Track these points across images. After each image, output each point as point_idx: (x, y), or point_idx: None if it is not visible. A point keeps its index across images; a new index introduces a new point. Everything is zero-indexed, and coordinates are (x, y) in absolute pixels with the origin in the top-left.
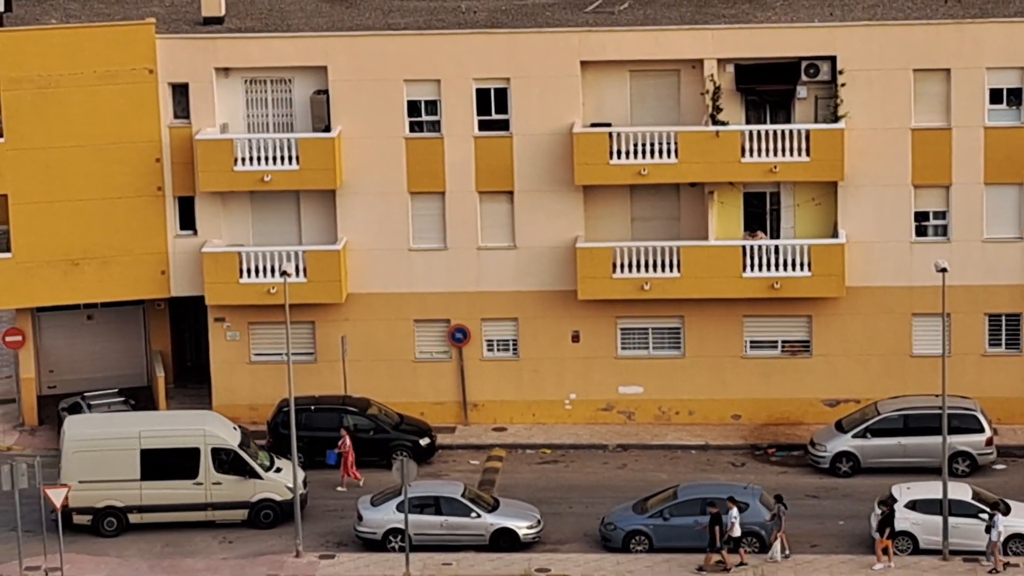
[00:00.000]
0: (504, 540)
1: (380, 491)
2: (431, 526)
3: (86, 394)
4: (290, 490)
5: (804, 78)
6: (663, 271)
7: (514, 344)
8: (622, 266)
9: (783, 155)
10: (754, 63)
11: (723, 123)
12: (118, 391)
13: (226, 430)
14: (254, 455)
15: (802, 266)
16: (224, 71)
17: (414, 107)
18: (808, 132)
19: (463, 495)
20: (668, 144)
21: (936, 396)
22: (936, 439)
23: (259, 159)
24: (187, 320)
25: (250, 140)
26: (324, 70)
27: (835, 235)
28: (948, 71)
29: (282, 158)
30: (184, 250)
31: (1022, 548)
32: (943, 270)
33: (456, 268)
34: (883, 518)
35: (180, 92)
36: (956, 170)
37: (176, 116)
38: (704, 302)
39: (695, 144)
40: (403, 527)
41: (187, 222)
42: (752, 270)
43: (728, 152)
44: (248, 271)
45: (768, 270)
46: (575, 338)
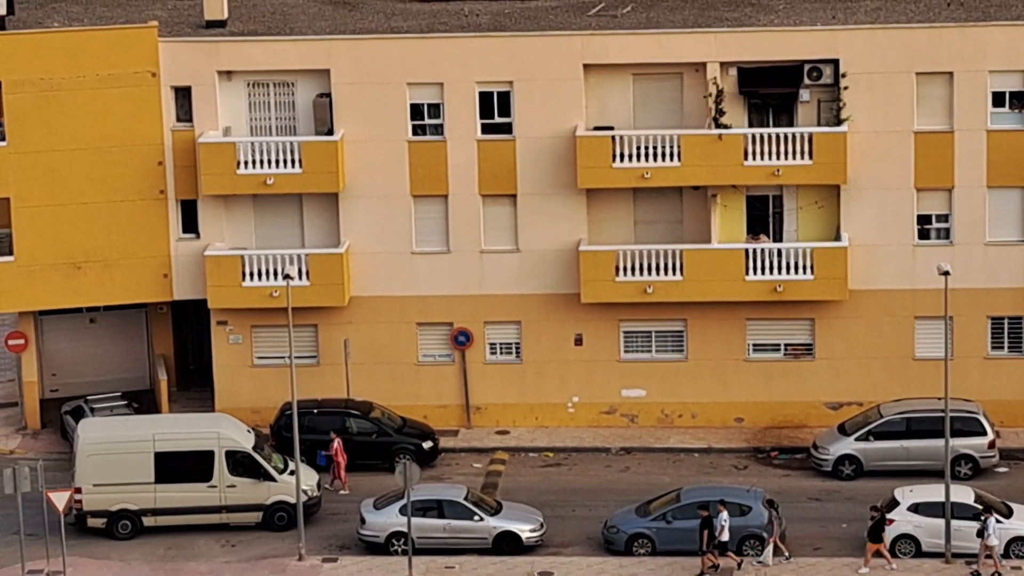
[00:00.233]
0: (507, 543)
1: (383, 494)
2: (434, 529)
3: (88, 397)
4: (304, 492)
5: (807, 81)
6: (666, 274)
7: (517, 347)
8: (625, 269)
9: (786, 158)
10: (757, 66)
11: (726, 126)
12: (121, 395)
13: (240, 433)
14: (268, 458)
15: (805, 269)
16: (227, 74)
17: (417, 110)
18: (811, 135)
19: (466, 498)
20: (671, 147)
21: (939, 399)
22: (939, 442)
23: (262, 162)
24: (190, 323)
25: (253, 143)
26: (327, 73)
27: (838, 238)
28: (951, 74)
29: (285, 161)
30: (187, 253)
31: None
32: (945, 273)
33: (459, 271)
34: (874, 523)
35: (183, 95)
36: (959, 173)
37: (179, 119)
38: (707, 305)
39: (698, 147)
40: (406, 530)
41: (190, 225)
42: (755, 273)
43: (731, 155)
44: (251, 274)
45: (771, 273)
46: (578, 341)
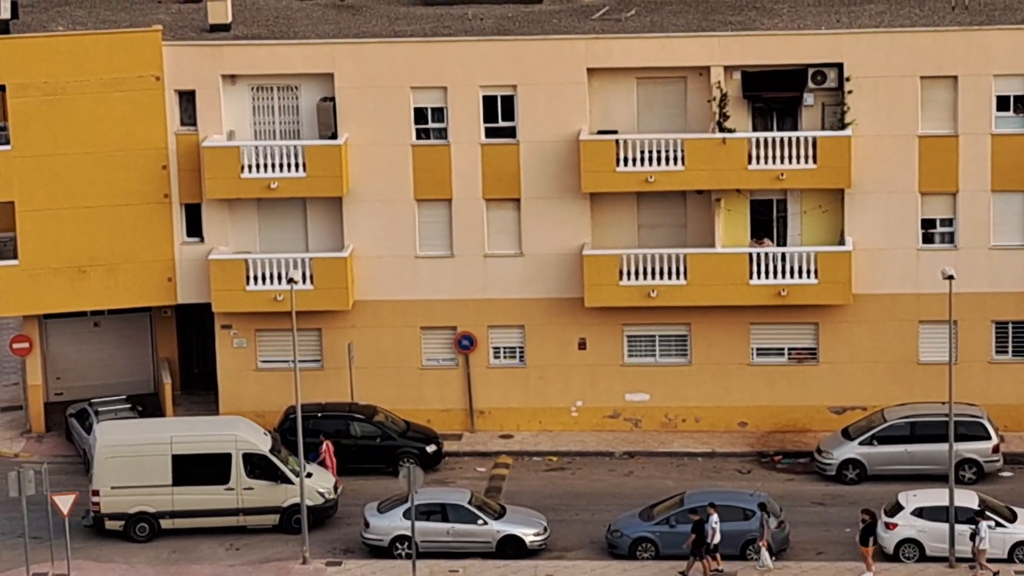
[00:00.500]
0: (511, 547)
1: (387, 498)
2: (438, 533)
3: (93, 400)
4: (320, 495)
5: (811, 85)
6: (670, 278)
7: (521, 351)
8: (629, 273)
9: (790, 162)
10: (761, 70)
11: (730, 130)
12: (125, 398)
13: (257, 435)
14: (285, 460)
15: (809, 273)
16: (231, 78)
17: (421, 114)
18: (815, 139)
19: (470, 502)
20: (675, 151)
21: (943, 403)
22: (943, 446)
23: (266, 166)
24: (194, 327)
25: (257, 147)
26: (331, 77)
27: (842, 242)
28: (955, 78)
29: (289, 165)
30: (191, 257)
31: None
32: (950, 277)
33: (463, 275)
34: (865, 527)
35: (187, 99)
36: (963, 177)
37: (183, 123)
38: (711, 309)
39: (702, 151)
40: (410, 534)
41: (194, 229)
42: (759, 277)
43: (735, 159)
44: (255, 278)
45: (775, 277)
46: (582, 345)
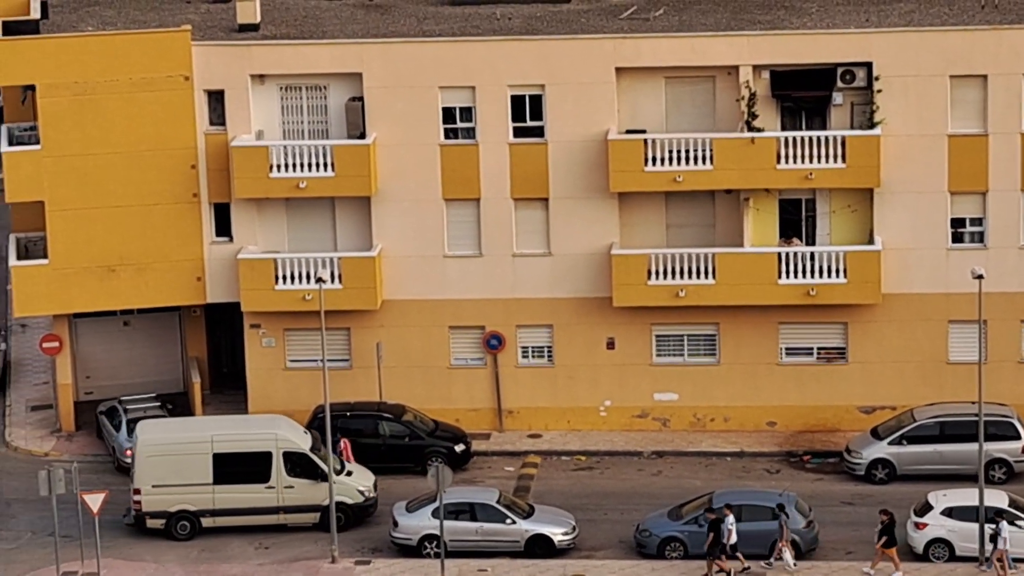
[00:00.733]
0: (539, 546)
1: (415, 497)
2: (466, 532)
3: (123, 398)
4: (361, 493)
5: (840, 84)
6: (698, 278)
7: (549, 351)
8: (657, 273)
9: (819, 162)
10: (790, 69)
11: (758, 130)
12: (155, 396)
13: (297, 434)
14: (325, 459)
15: (838, 273)
16: (259, 78)
17: (449, 114)
18: (844, 139)
19: (498, 501)
20: (703, 151)
21: (972, 403)
22: (972, 446)
23: (294, 166)
24: (223, 326)
25: (285, 147)
26: (359, 77)
27: (871, 242)
28: (985, 77)
29: (317, 165)
30: (220, 256)
31: None
32: (979, 277)
33: (491, 275)
34: (883, 527)
35: (216, 99)
36: (993, 176)
37: (212, 123)
38: (739, 309)
39: (730, 151)
40: (438, 533)
41: (223, 229)
42: (788, 277)
43: (764, 159)
44: (283, 278)
45: (804, 277)
46: (610, 345)
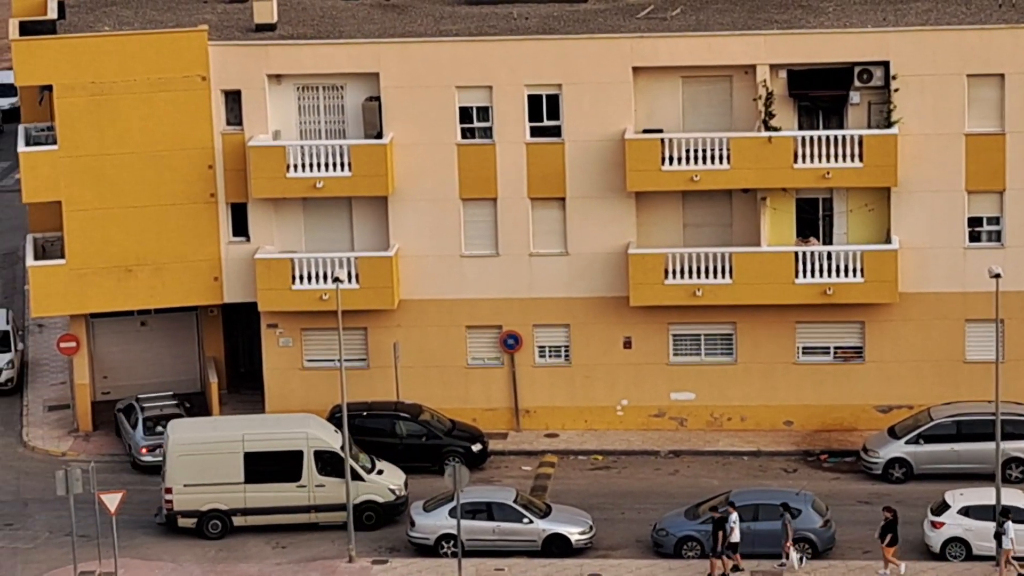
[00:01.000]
0: (556, 546)
1: (432, 497)
2: (483, 532)
3: (140, 396)
4: (391, 491)
5: (857, 83)
6: (715, 277)
7: (566, 350)
8: (674, 272)
9: (836, 161)
10: (807, 68)
11: (775, 129)
12: (172, 394)
13: (328, 433)
14: (356, 457)
15: (855, 272)
16: (276, 78)
17: (466, 113)
18: (861, 138)
19: (515, 501)
20: (720, 150)
21: (989, 402)
22: (989, 445)
23: (311, 166)
24: (240, 326)
25: (302, 147)
26: (376, 76)
27: (888, 241)
28: (1002, 76)
29: (334, 165)
30: (237, 256)
31: None
32: (996, 276)
33: (508, 274)
34: (885, 524)
35: (233, 99)
36: (1010, 175)
37: (229, 123)
38: (756, 308)
39: (747, 150)
40: (456, 533)
41: (240, 228)
42: (804, 276)
43: (781, 158)
44: (300, 277)
45: (821, 276)
46: (627, 344)
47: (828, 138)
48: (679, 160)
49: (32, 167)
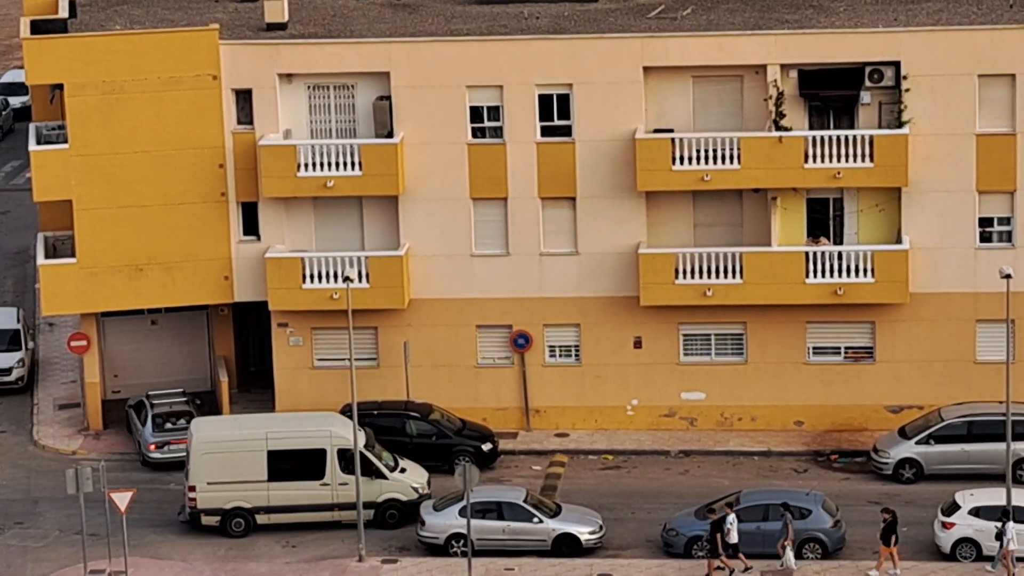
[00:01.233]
0: (566, 545)
1: (442, 496)
2: (493, 531)
3: (150, 393)
4: (414, 490)
5: (868, 83)
6: (726, 277)
7: (576, 350)
8: (684, 272)
9: (847, 161)
10: (818, 68)
11: (786, 129)
12: (182, 391)
13: (351, 431)
14: (379, 456)
15: (865, 272)
16: (287, 77)
17: (476, 113)
18: (872, 138)
19: (525, 500)
20: (731, 150)
21: (1000, 403)
22: (1000, 446)
23: (322, 165)
24: (250, 325)
25: (313, 146)
26: (387, 76)
27: (899, 241)
28: (1013, 76)
29: (345, 164)
30: (247, 255)
31: None
32: (1008, 276)
33: (518, 274)
34: (886, 526)
35: (243, 98)
36: (1021, 176)
37: (239, 122)
38: (767, 308)
39: (758, 150)
40: (465, 532)
41: (250, 228)
42: (815, 276)
43: (791, 158)
44: (311, 277)
45: (831, 276)
46: (637, 344)
47: (839, 138)
48: (689, 160)
49: (43, 166)
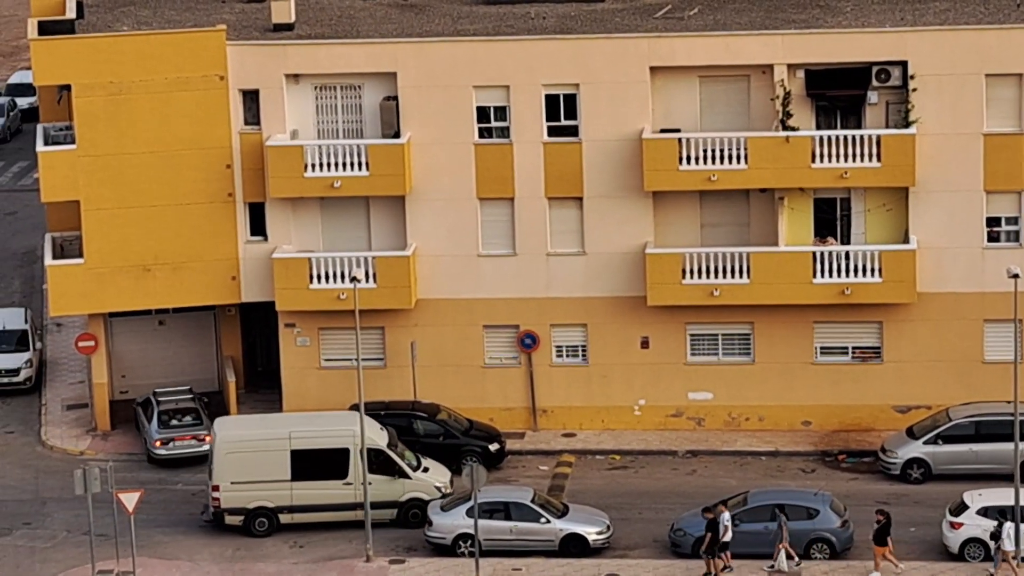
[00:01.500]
0: (573, 546)
1: (450, 496)
2: (501, 531)
3: (156, 390)
4: (437, 489)
5: (875, 83)
6: (733, 277)
7: (583, 350)
8: (692, 272)
9: (854, 160)
10: (825, 68)
11: (793, 128)
12: (188, 388)
13: (374, 431)
14: (402, 455)
15: (873, 272)
16: (294, 77)
17: (483, 113)
18: (879, 137)
19: (533, 501)
20: (738, 150)
21: (1008, 402)
22: (1008, 446)
23: (329, 165)
24: (257, 326)
25: (320, 146)
26: (393, 76)
27: (906, 241)
28: (1020, 76)
29: (352, 164)
30: (255, 256)
31: None
32: (1015, 276)
33: (525, 274)
34: (880, 527)
35: (251, 98)
36: None
37: (247, 122)
38: (774, 308)
39: (765, 150)
40: (473, 532)
41: (258, 228)
42: (822, 276)
43: (798, 158)
44: (318, 277)
45: (839, 276)
46: (644, 344)
47: (846, 138)
48: (696, 160)
49: (50, 166)
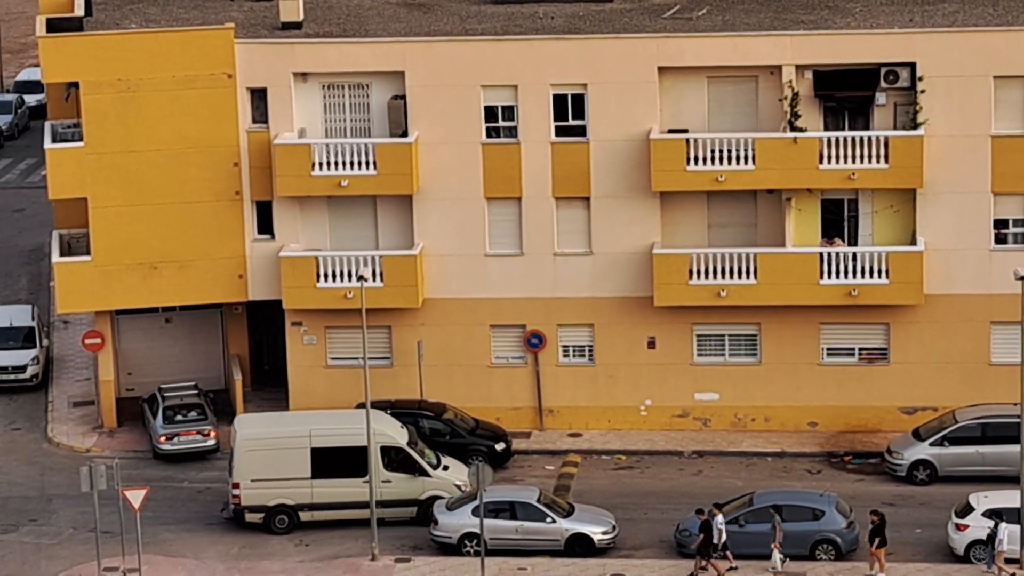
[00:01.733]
0: (579, 545)
1: (456, 495)
2: (506, 531)
3: (162, 385)
4: (457, 487)
5: (883, 84)
6: (740, 278)
7: (590, 350)
8: (698, 272)
9: (861, 162)
10: (833, 69)
11: (801, 129)
12: (194, 384)
13: (394, 428)
14: (421, 453)
15: (880, 273)
16: (302, 76)
17: (491, 112)
18: (887, 139)
19: (538, 500)
20: (746, 150)
21: (1015, 404)
22: (1014, 448)
23: (336, 164)
24: (264, 324)
25: (328, 145)
26: (402, 75)
27: (913, 242)
28: None
29: (359, 163)
30: (262, 254)
31: None
32: (1022, 278)
33: (532, 274)
34: (873, 528)
35: (258, 97)
36: None
37: (254, 121)
38: (781, 309)
39: (773, 150)
40: (479, 531)
41: (265, 226)
42: (829, 277)
43: (806, 159)
44: (325, 275)
45: (846, 277)
46: (651, 344)
47: (854, 139)
48: (704, 160)
49: (58, 164)
